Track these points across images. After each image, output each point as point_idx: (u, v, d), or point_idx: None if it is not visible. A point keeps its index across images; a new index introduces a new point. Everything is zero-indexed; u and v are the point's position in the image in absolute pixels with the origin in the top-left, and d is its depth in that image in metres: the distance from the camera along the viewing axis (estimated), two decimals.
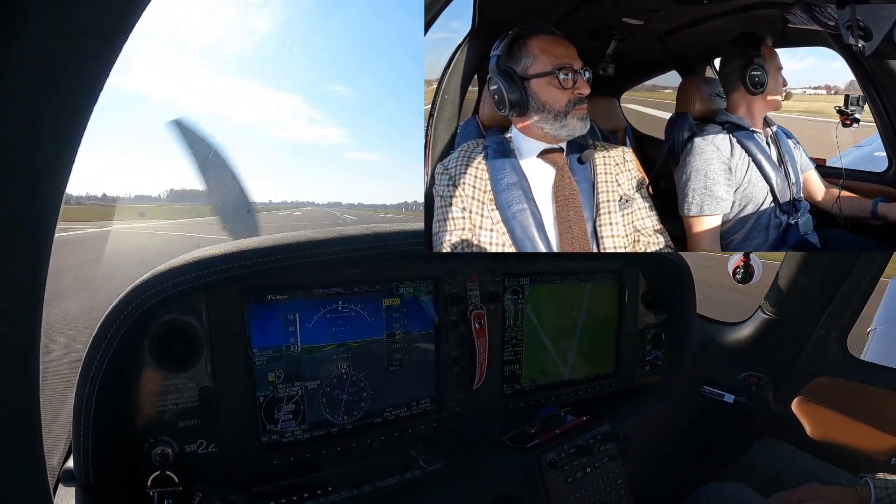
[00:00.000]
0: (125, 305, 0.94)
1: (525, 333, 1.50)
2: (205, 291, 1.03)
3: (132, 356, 0.98)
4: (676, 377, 1.81)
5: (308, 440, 1.18)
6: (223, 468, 1.07)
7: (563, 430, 1.41)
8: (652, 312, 1.77)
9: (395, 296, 1.28)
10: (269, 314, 1.12)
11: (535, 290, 1.51)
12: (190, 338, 1.04)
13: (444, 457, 1.28)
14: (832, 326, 1.66)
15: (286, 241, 1.09)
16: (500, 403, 1.47)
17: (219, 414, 1.06)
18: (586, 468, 1.38)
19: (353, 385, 1.23)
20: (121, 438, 0.98)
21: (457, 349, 1.36)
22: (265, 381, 1.12)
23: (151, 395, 1.01)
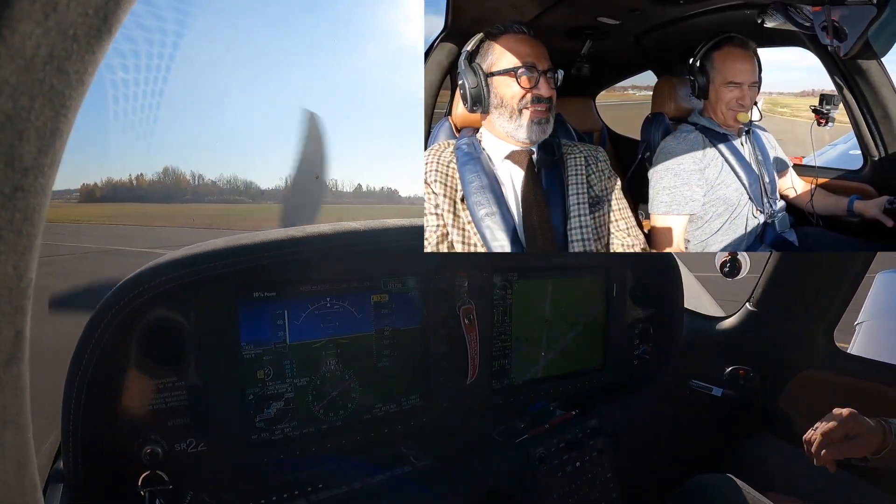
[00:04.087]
0: (113, 303, 0.93)
1: (514, 329, 1.50)
2: (193, 289, 1.03)
3: (120, 355, 0.97)
4: (664, 371, 1.82)
5: (298, 437, 1.18)
6: (213, 466, 1.07)
7: (552, 425, 1.41)
8: (639, 307, 1.78)
9: (384, 292, 1.28)
10: (258, 311, 1.12)
11: (524, 285, 1.51)
12: (178, 336, 1.03)
13: (434, 452, 1.28)
14: (819, 320, 1.67)
15: (275, 238, 1.09)
16: (490, 399, 1.47)
17: (208, 412, 1.06)
18: (576, 462, 1.38)
19: (341, 381, 1.23)
20: (110, 438, 0.98)
21: (445, 345, 1.36)
22: (254, 378, 1.12)
23: (140, 394, 1.01)
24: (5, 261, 0.31)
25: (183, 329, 1.03)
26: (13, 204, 0.30)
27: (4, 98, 0.28)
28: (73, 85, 0.32)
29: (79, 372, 0.92)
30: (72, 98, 0.32)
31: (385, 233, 1.21)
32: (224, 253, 1.03)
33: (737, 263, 1.68)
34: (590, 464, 1.40)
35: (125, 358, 0.98)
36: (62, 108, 0.32)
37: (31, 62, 0.29)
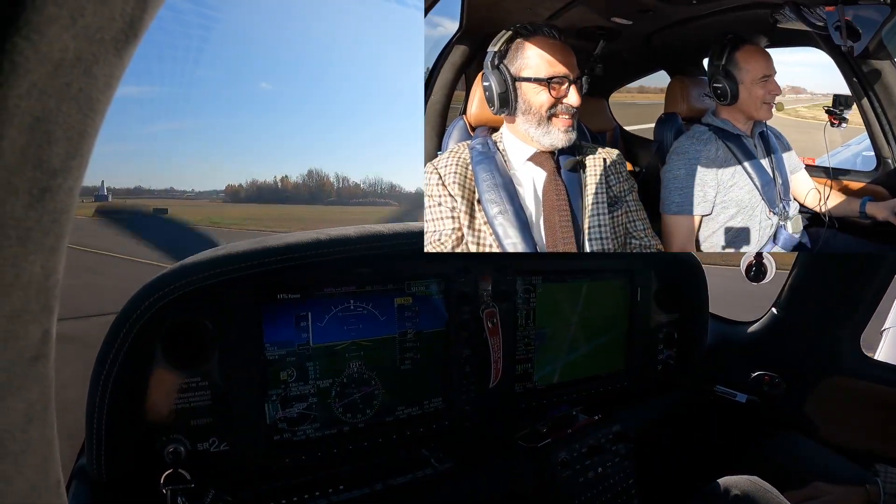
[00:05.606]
0: (139, 303, 0.94)
1: (537, 333, 1.50)
2: (217, 291, 1.03)
3: (145, 354, 0.98)
4: (688, 376, 1.80)
5: (319, 438, 1.18)
6: (235, 466, 1.08)
7: (574, 430, 1.40)
8: (664, 311, 1.76)
9: (408, 294, 1.28)
10: (282, 313, 1.13)
11: (547, 288, 1.50)
12: (202, 337, 1.04)
13: (456, 455, 1.28)
14: (845, 325, 1.64)
15: (300, 240, 1.10)
16: (512, 402, 1.47)
17: (231, 412, 1.07)
18: (598, 467, 1.37)
19: (364, 384, 1.24)
20: (133, 436, 0.98)
21: (468, 348, 1.35)
22: (277, 379, 1.13)
23: (164, 394, 1.01)
24: (34, 260, 0.31)
25: (207, 330, 1.04)
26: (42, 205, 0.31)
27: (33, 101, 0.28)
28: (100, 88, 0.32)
29: (104, 371, 0.93)
30: (99, 101, 0.33)
31: (409, 236, 1.21)
32: (248, 255, 1.04)
33: (762, 267, 1.59)
34: (612, 469, 1.39)
35: (149, 358, 0.99)
36: (90, 111, 0.32)
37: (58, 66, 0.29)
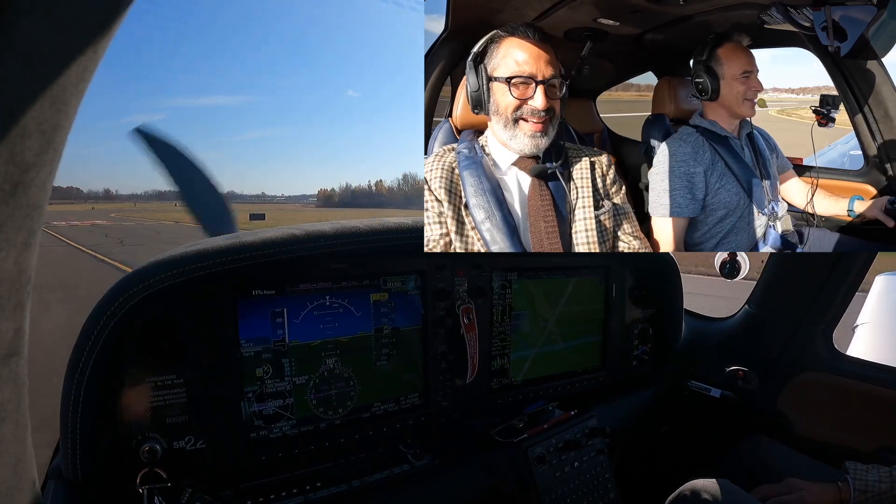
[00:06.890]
0: (111, 301, 0.94)
1: (512, 328, 1.50)
2: (192, 287, 1.03)
3: (119, 352, 0.97)
4: (663, 372, 1.82)
5: (296, 436, 1.18)
6: (212, 464, 1.07)
7: (550, 425, 1.41)
8: (639, 307, 1.78)
9: (384, 290, 1.28)
10: (257, 309, 1.12)
11: (523, 285, 1.51)
12: (177, 333, 1.03)
13: (433, 451, 1.28)
14: (818, 321, 1.67)
15: (274, 236, 1.09)
16: (488, 398, 1.48)
17: (207, 410, 1.06)
18: (574, 462, 1.38)
19: (341, 380, 1.24)
20: (109, 435, 0.98)
21: (444, 344, 1.36)
22: (253, 376, 1.12)
23: (139, 392, 1.01)
24: (5, 256, 0.31)
25: (182, 326, 1.03)
26: (14, 200, 0.30)
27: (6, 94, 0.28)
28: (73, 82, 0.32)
29: (77, 370, 0.92)
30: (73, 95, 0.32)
31: (385, 232, 1.21)
32: (222, 251, 1.03)
33: (736, 264, 1.68)
34: (588, 464, 1.40)
35: (124, 355, 0.98)
36: (63, 104, 0.32)
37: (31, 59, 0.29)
